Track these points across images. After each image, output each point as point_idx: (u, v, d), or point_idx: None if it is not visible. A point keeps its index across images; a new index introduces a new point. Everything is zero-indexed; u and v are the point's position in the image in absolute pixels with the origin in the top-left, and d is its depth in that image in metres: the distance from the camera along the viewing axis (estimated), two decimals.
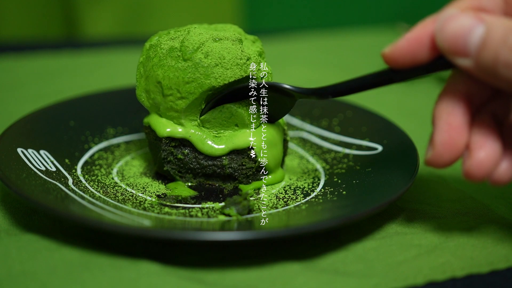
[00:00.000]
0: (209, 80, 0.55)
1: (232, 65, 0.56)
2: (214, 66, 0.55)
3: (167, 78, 0.56)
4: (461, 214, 0.55)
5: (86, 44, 1.13)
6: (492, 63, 0.43)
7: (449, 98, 0.47)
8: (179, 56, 0.56)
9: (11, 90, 0.86)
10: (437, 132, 0.47)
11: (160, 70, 0.56)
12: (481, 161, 0.46)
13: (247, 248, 0.50)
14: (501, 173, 0.47)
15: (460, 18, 0.44)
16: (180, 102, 0.56)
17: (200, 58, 0.55)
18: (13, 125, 0.62)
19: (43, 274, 0.46)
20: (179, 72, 0.56)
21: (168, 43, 0.57)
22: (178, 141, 0.58)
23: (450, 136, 0.47)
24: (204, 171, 0.59)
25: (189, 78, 0.55)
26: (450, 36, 0.44)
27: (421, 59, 0.47)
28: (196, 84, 0.55)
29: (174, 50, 0.56)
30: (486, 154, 0.46)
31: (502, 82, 0.44)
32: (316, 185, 0.59)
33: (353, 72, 0.98)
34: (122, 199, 0.55)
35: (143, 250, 0.49)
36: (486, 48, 0.43)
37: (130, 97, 0.71)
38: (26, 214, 0.54)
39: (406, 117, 0.79)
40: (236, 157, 0.58)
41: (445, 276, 0.48)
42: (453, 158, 0.47)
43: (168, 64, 0.56)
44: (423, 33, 0.46)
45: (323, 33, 1.18)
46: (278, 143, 0.59)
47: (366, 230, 0.53)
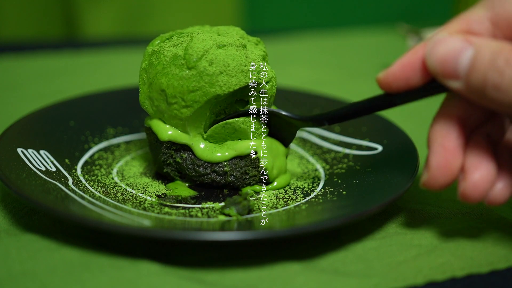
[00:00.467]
0: (214, 89, 0.55)
1: (237, 73, 0.55)
2: (219, 74, 0.55)
3: (171, 86, 0.55)
4: (461, 214, 0.55)
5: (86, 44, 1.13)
6: (482, 85, 0.44)
7: (444, 121, 0.48)
8: (183, 65, 0.55)
9: (11, 90, 0.86)
10: (432, 155, 0.48)
11: (164, 78, 0.56)
12: (476, 183, 0.47)
13: (247, 248, 0.50)
14: (497, 194, 0.48)
15: (450, 41, 0.45)
16: (184, 110, 0.56)
17: (204, 67, 0.55)
18: (13, 125, 0.62)
19: (43, 274, 0.46)
20: (183, 80, 0.55)
21: (171, 50, 0.57)
22: (179, 145, 0.58)
23: (445, 159, 0.47)
24: (202, 179, 0.58)
25: (194, 86, 0.55)
26: (440, 59, 0.45)
27: (414, 83, 0.47)
28: (201, 93, 0.55)
29: (178, 58, 0.56)
30: (481, 175, 0.47)
31: (492, 104, 0.45)
32: (316, 185, 0.59)
33: (353, 72, 0.99)
34: (122, 199, 0.55)
35: (143, 250, 0.49)
36: (475, 70, 0.44)
37: (130, 97, 0.71)
38: (26, 214, 0.54)
39: (406, 117, 0.79)
40: (239, 163, 0.58)
41: (445, 276, 0.48)
42: (448, 180, 0.48)
43: (172, 73, 0.56)
44: (415, 58, 0.47)
45: (323, 33, 1.18)
46: (281, 154, 0.59)
47: (366, 230, 0.53)
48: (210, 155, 0.57)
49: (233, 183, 0.58)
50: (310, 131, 0.69)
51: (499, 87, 0.43)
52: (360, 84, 0.92)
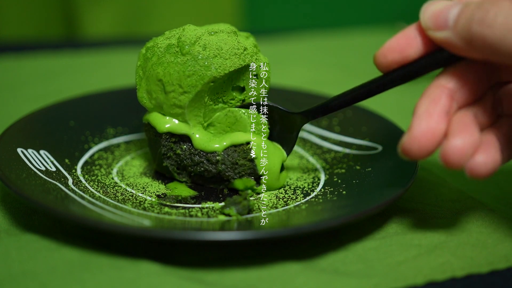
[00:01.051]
0: (210, 71, 0.56)
1: (230, 55, 0.56)
2: (214, 57, 0.56)
3: (168, 74, 0.56)
4: (461, 214, 0.55)
5: (86, 44, 1.13)
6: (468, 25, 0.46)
7: (433, 90, 0.48)
8: (178, 52, 0.56)
9: (11, 90, 0.86)
10: (415, 119, 0.47)
11: (160, 68, 0.56)
12: (458, 147, 0.46)
13: (247, 248, 0.50)
14: (478, 164, 0.47)
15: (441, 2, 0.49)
16: (183, 97, 0.56)
17: (198, 51, 0.56)
18: (13, 125, 0.62)
19: (43, 274, 0.46)
20: (179, 66, 0.56)
21: (165, 42, 0.58)
22: (178, 137, 0.58)
23: (428, 123, 0.47)
24: (196, 169, 0.58)
25: (190, 71, 0.56)
26: (432, 14, 0.48)
27: (408, 54, 0.49)
28: (197, 77, 0.56)
29: (172, 46, 0.57)
30: (463, 141, 0.46)
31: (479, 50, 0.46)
32: (316, 185, 0.59)
33: (352, 72, 0.99)
34: (122, 199, 0.55)
35: (143, 250, 0.49)
36: (462, 15, 0.46)
37: (130, 97, 0.71)
38: (26, 214, 0.54)
39: (406, 117, 0.79)
40: (232, 154, 0.58)
41: (445, 276, 0.48)
42: (428, 146, 0.47)
43: (167, 61, 0.56)
44: (410, 29, 0.50)
45: (322, 33, 1.18)
46: (277, 156, 0.59)
47: (366, 230, 0.53)
48: (208, 144, 0.57)
49: (223, 172, 0.58)
50: (310, 131, 0.69)
51: (483, 21, 0.45)
52: None
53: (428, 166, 0.65)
